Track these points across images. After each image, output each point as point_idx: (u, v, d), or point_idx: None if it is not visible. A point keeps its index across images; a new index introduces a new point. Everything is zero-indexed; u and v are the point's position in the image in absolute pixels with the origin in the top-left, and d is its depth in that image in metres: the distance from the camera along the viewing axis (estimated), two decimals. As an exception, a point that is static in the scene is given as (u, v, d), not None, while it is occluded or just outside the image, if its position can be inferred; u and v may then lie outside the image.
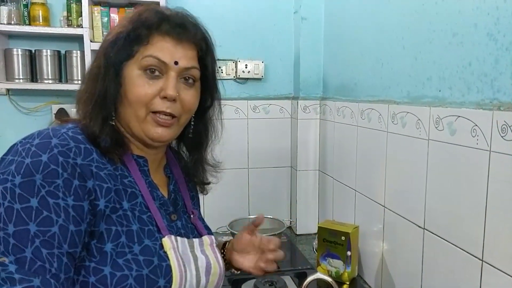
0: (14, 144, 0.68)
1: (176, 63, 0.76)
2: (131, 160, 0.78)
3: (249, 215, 2.00)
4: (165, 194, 0.85)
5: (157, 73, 0.76)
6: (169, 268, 0.74)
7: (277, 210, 2.04)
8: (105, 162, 0.72)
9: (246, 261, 0.98)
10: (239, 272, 1.03)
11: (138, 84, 0.75)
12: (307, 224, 1.99)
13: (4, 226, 0.60)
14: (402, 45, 1.22)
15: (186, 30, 0.78)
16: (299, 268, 1.50)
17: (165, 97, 0.75)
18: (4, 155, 0.67)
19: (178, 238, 0.80)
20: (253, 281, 1.37)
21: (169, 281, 0.73)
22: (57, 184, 0.63)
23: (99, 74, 0.75)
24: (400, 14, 1.23)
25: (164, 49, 0.76)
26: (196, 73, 0.81)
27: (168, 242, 0.76)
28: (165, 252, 0.75)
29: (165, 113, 0.76)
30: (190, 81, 0.80)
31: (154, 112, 0.76)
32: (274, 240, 0.98)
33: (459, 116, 0.95)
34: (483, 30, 0.89)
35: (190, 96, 0.80)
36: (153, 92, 0.75)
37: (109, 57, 0.75)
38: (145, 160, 0.82)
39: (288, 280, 1.40)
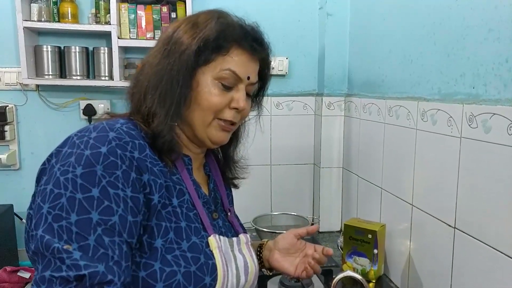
0: (69, 137, 0.69)
1: (248, 78, 0.80)
2: (179, 158, 0.79)
3: (271, 211, 2.01)
4: (206, 193, 0.86)
5: (229, 84, 0.79)
6: (214, 267, 0.75)
7: (299, 207, 2.04)
8: (156, 158, 0.73)
9: (287, 262, 0.98)
10: (271, 273, 1.03)
11: (213, 94, 0.77)
12: (330, 221, 1.99)
13: (66, 216, 0.62)
14: (434, 41, 1.19)
15: (261, 47, 0.82)
16: (324, 265, 1.50)
17: (235, 108, 0.79)
18: (59, 147, 0.69)
19: (221, 237, 0.81)
20: (278, 277, 1.37)
21: (214, 279, 0.74)
22: (117, 175, 0.65)
23: (174, 75, 0.74)
24: (431, 9, 1.21)
25: (241, 65, 0.78)
26: (256, 86, 0.86)
27: (214, 241, 0.77)
28: (210, 251, 0.76)
29: (231, 122, 0.80)
30: (251, 93, 0.84)
31: (219, 119, 0.79)
32: (328, 249, 0.98)
33: (494, 114, 0.93)
34: (522, 25, 0.87)
35: (249, 106, 0.85)
36: (225, 103, 0.79)
37: (188, 60, 0.74)
38: (190, 158, 0.83)
39: (313, 277, 1.40)
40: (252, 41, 0.80)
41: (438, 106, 1.15)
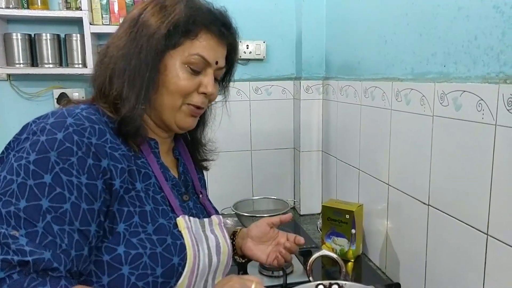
0: (28, 124, 0.68)
1: (216, 63, 0.80)
2: (144, 142, 0.79)
3: (252, 196, 2.01)
4: (176, 175, 0.86)
5: (198, 69, 0.78)
6: (183, 246, 0.75)
7: (280, 191, 2.05)
8: (118, 143, 0.72)
9: (259, 250, 1.00)
10: (244, 260, 1.04)
11: (182, 78, 0.77)
12: (311, 204, 2.01)
13: (16, 202, 0.61)
14: (406, 22, 1.20)
15: (229, 32, 0.82)
16: (304, 246, 1.51)
17: (203, 93, 0.80)
18: (17, 134, 0.68)
19: (191, 218, 0.81)
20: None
21: (183, 259, 0.74)
22: (71, 162, 0.64)
23: (143, 59, 0.73)
24: (404, -11, 1.21)
25: (209, 49, 0.78)
26: (224, 71, 0.86)
27: (182, 221, 0.77)
28: (179, 231, 0.76)
29: (198, 107, 0.80)
30: (218, 78, 0.85)
31: (188, 104, 0.79)
32: (299, 238, 0.99)
33: (464, 91, 0.94)
34: (489, 2, 0.87)
35: (216, 90, 0.85)
36: (193, 87, 0.78)
37: (157, 44, 0.73)
38: (156, 142, 0.82)
39: (293, 258, 1.42)
40: (221, 26, 0.80)
41: (411, 86, 1.16)
